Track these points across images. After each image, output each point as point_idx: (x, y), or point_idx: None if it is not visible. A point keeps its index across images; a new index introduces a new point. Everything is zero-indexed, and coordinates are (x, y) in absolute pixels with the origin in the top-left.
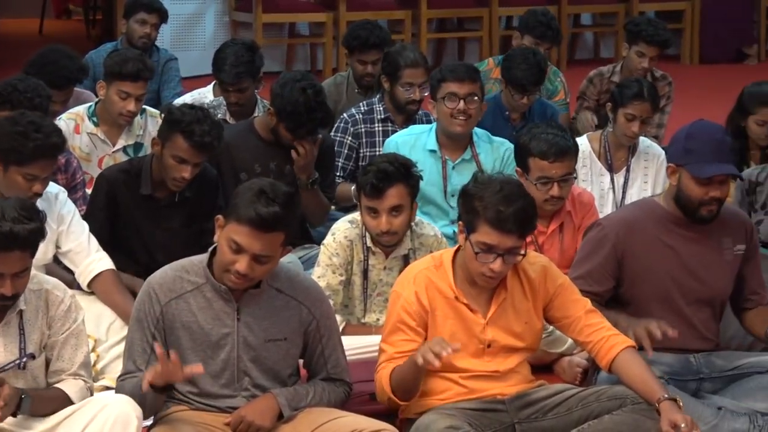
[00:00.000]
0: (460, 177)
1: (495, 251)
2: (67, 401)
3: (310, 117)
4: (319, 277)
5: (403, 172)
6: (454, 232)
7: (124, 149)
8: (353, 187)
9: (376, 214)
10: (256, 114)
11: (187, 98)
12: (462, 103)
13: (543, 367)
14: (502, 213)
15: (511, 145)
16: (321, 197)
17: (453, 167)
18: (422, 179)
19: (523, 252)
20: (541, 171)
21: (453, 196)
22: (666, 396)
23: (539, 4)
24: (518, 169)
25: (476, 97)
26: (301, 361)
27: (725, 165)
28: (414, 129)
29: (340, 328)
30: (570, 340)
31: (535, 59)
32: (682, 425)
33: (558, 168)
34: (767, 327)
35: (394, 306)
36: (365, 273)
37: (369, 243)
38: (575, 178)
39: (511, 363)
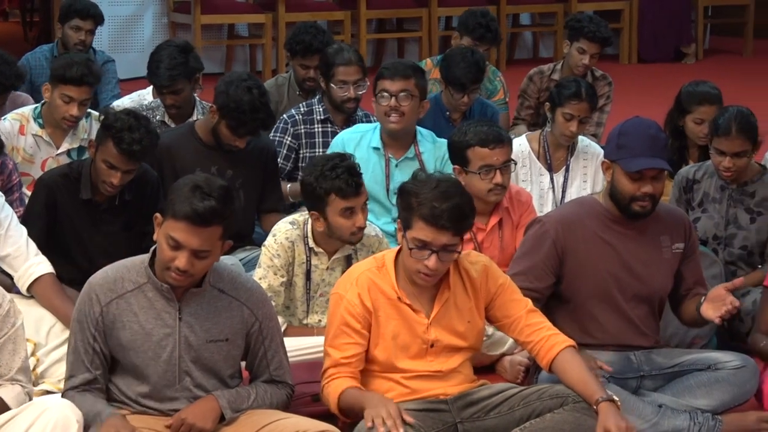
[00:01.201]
0: (403, 175)
1: (430, 248)
2: (3, 407)
3: (253, 116)
4: (260, 278)
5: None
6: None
7: (68, 152)
8: (289, 186)
9: (352, 213)
10: (195, 116)
11: (126, 100)
12: (393, 100)
13: (485, 367)
14: (437, 209)
15: None
16: None
17: (396, 165)
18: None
19: (459, 249)
20: (482, 160)
21: (395, 194)
22: (604, 397)
23: (478, 4)
24: (456, 166)
25: (410, 94)
26: (243, 363)
27: (655, 159)
28: (360, 127)
29: (282, 330)
30: (510, 342)
31: (473, 58)
32: None
33: (499, 154)
34: (698, 302)
35: (336, 308)
36: (308, 274)
37: (311, 244)
38: (515, 164)
39: (454, 363)
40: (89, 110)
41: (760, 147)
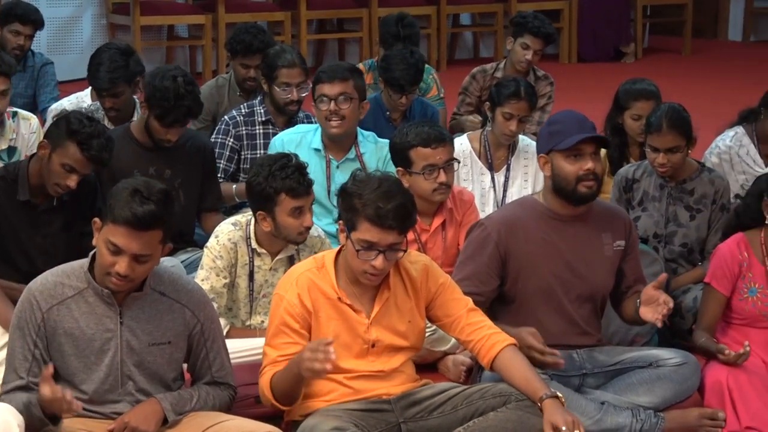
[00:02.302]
0: (345, 176)
1: (376, 248)
2: None
3: (177, 103)
4: (202, 279)
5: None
6: (338, 230)
7: None
8: (234, 186)
9: (301, 213)
10: (135, 118)
11: (64, 102)
12: (333, 104)
13: (428, 366)
14: (382, 209)
15: None
16: None
17: (337, 166)
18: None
19: (404, 248)
20: (425, 159)
21: (336, 195)
22: (548, 394)
23: (418, 5)
24: (399, 168)
25: (348, 97)
26: (185, 365)
27: (589, 132)
28: (300, 128)
29: (225, 332)
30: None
31: (412, 59)
32: (563, 428)
33: (441, 153)
34: (636, 303)
35: (276, 309)
36: (251, 275)
37: (254, 245)
38: (458, 162)
39: (396, 362)
40: (19, 110)
41: (695, 143)
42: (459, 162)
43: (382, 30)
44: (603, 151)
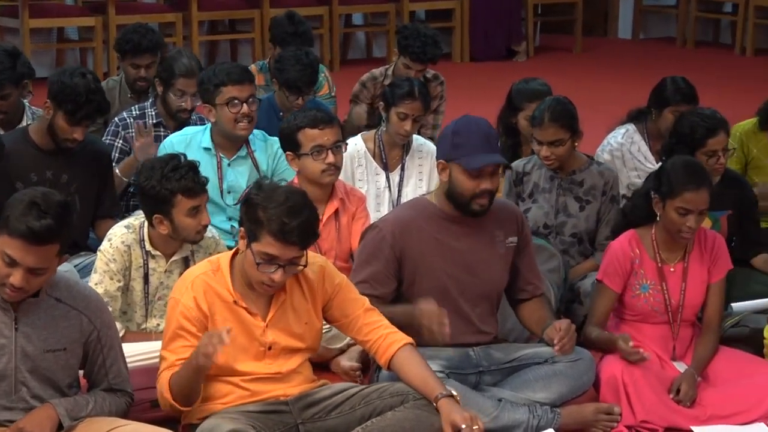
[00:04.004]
0: (236, 174)
1: (277, 262)
2: None
3: (89, 98)
4: (96, 283)
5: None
6: (232, 227)
7: None
8: (117, 169)
9: (198, 212)
10: (24, 122)
11: None
12: (245, 106)
13: (326, 367)
14: (287, 225)
15: None
16: None
17: (229, 164)
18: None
19: (303, 263)
20: (313, 141)
21: (229, 193)
22: (444, 393)
23: (309, 5)
24: (289, 153)
25: (256, 99)
26: (81, 372)
27: (494, 155)
28: (188, 130)
29: (120, 336)
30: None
31: (307, 59)
32: (463, 426)
33: (329, 134)
34: (543, 327)
35: (173, 312)
36: (146, 277)
37: (148, 247)
38: (346, 145)
39: (293, 364)
40: None
41: (581, 135)
42: (347, 144)
43: (275, 31)
44: None
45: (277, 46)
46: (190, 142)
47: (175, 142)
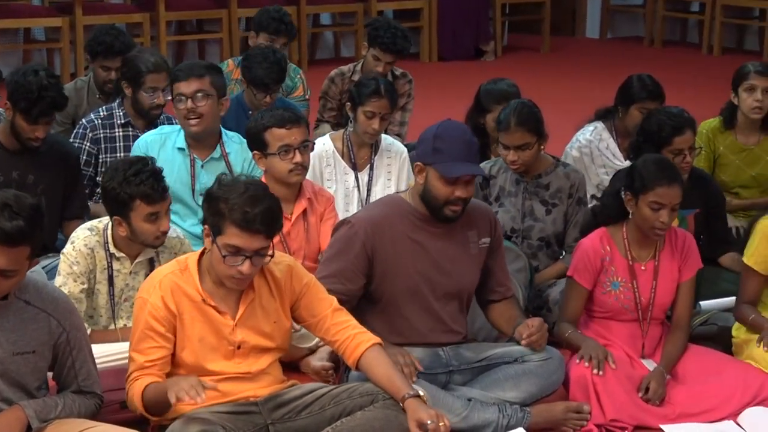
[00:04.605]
0: (210, 176)
1: (243, 253)
2: None
3: (41, 95)
4: (60, 286)
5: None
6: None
7: None
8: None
9: (157, 218)
10: None
11: None
12: (190, 102)
13: (295, 367)
14: (249, 214)
15: None
16: None
17: (202, 166)
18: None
19: (270, 253)
20: (280, 140)
21: (201, 195)
22: (410, 393)
23: (278, 4)
24: (256, 152)
25: (206, 94)
26: (50, 374)
27: (472, 165)
28: (163, 129)
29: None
30: None
31: (275, 57)
32: (428, 422)
33: (296, 134)
34: (513, 326)
35: (140, 312)
36: (111, 279)
37: (112, 249)
38: (313, 144)
39: (263, 364)
40: None
41: (547, 138)
42: (314, 144)
43: (259, 17)
44: None
45: (260, 34)
46: (164, 142)
47: (149, 142)
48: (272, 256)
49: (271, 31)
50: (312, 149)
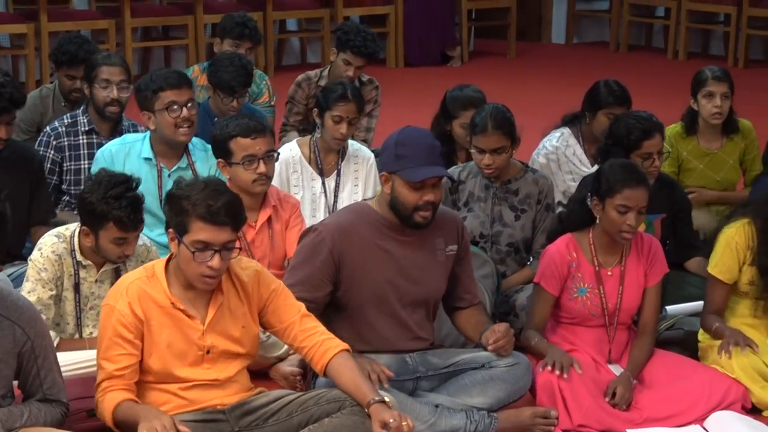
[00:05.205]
0: None
1: (211, 248)
2: None
3: None
4: (29, 292)
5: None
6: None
7: None
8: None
9: (124, 242)
10: None
11: None
12: (185, 110)
13: (263, 374)
14: (213, 206)
15: None
16: None
17: (169, 175)
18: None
19: (239, 246)
20: (245, 150)
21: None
22: (376, 399)
23: (244, 10)
24: (220, 160)
25: (195, 103)
26: (15, 383)
27: (437, 168)
28: (127, 138)
29: (54, 344)
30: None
31: (240, 62)
32: (391, 420)
33: (261, 144)
34: (480, 332)
35: (108, 320)
36: (77, 287)
37: (79, 257)
38: (278, 154)
39: (231, 371)
40: None
41: (519, 143)
42: (279, 154)
43: (224, 22)
44: None
45: (224, 40)
46: (129, 151)
47: (114, 151)
48: (241, 249)
49: (235, 36)
50: (277, 159)
